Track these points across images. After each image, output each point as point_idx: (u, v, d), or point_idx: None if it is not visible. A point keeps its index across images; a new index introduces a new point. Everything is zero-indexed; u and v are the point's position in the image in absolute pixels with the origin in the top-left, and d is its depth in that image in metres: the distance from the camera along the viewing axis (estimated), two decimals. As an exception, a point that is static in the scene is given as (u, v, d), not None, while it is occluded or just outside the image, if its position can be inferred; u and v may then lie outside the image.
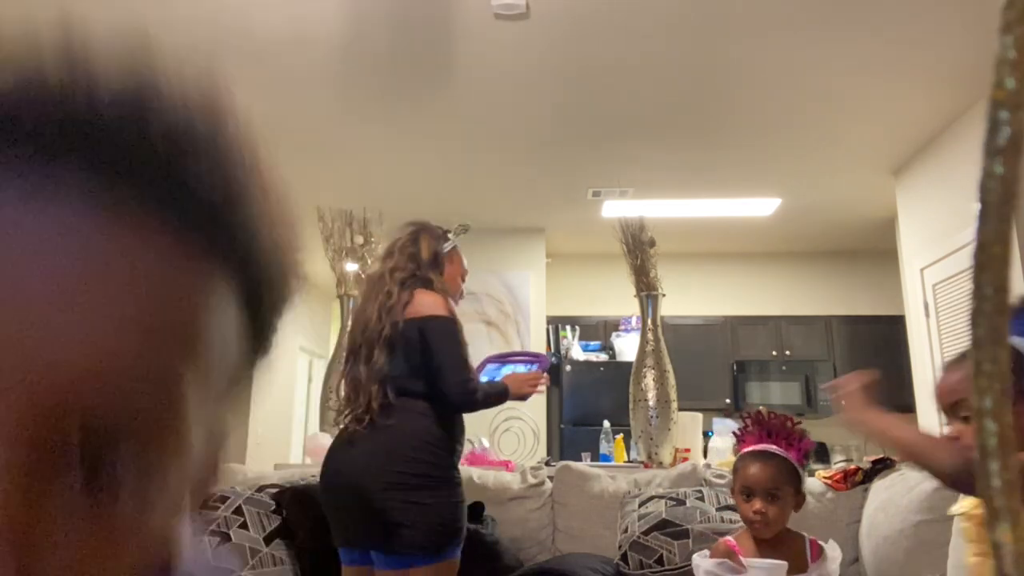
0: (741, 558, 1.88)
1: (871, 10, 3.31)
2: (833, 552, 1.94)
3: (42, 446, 0.27)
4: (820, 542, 1.97)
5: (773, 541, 1.92)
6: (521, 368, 2.48)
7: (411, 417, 2.07)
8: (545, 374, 2.38)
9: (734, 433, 2.20)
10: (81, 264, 0.28)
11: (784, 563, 1.80)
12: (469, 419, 2.25)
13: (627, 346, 6.32)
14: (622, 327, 6.62)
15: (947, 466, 1.37)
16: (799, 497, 1.97)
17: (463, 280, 2.39)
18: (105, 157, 0.30)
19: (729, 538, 2.03)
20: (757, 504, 1.91)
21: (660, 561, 2.64)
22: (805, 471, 2.01)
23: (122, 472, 0.28)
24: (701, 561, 1.95)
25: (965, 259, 4.15)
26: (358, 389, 2.12)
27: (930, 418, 4.61)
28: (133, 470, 0.29)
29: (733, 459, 2.12)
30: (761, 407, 2.19)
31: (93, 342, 0.28)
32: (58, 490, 0.27)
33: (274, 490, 2.75)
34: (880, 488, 2.78)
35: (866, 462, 3.00)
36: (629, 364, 4.33)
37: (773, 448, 1.95)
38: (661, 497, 2.85)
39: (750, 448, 1.97)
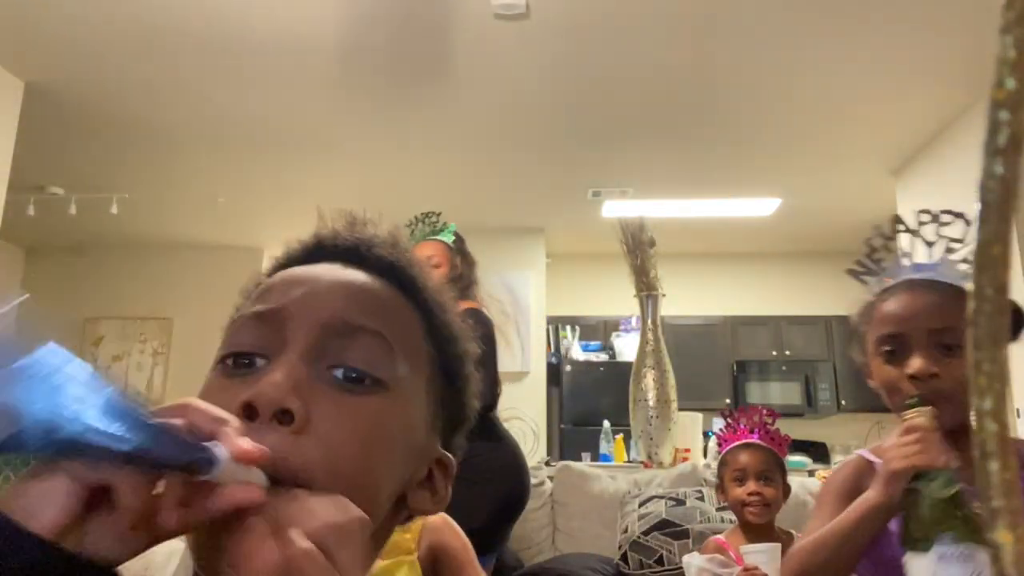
0: (741, 547, 1.88)
1: (871, 10, 3.31)
2: None
3: None
4: None
5: (764, 537, 1.91)
6: None
7: None
8: None
9: (715, 434, 2.23)
10: None
11: (778, 544, 1.80)
12: None
13: (627, 346, 6.32)
14: (622, 327, 6.62)
15: None
16: (786, 487, 1.99)
17: None
18: None
19: (719, 536, 2.03)
20: (752, 485, 1.90)
21: (660, 561, 2.64)
22: (786, 465, 2.05)
23: None
24: (692, 559, 1.95)
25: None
26: None
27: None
28: None
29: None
30: (740, 407, 2.21)
31: None
32: None
33: (274, 490, 2.75)
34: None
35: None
36: (629, 364, 4.33)
37: (759, 441, 1.99)
38: (661, 497, 2.85)
39: (737, 442, 2.00)
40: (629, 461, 4.34)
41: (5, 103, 3.83)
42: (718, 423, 4.93)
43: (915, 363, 1.01)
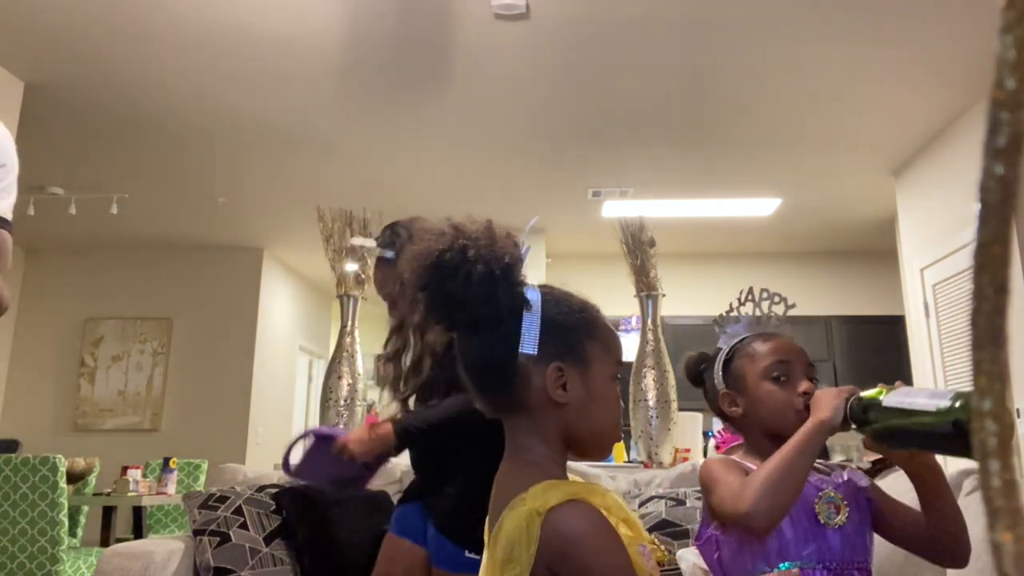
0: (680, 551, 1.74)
1: (871, 10, 3.31)
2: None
3: None
4: None
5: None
6: None
7: None
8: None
9: (715, 435, 2.15)
10: None
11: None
12: None
13: (627, 346, 6.31)
14: (622, 327, 6.62)
15: None
16: None
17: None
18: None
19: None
20: (804, 383, 1.29)
21: (660, 562, 2.64)
22: None
23: None
24: (685, 553, 1.82)
25: (965, 259, 4.15)
26: None
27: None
28: None
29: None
30: None
31: None
32: None
33: (274, 490, 2.75)
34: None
35: (865, 462, 3.00)
36: (629, 364, 4.33)
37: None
38: (661, 497, 2.84)
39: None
40: (629, 461, 4.34)
41: (5, 103, 3.83)
42: (717, 423, 4.94)
43: (806, 384, 1.30)
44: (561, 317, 0.96)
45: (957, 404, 1.00)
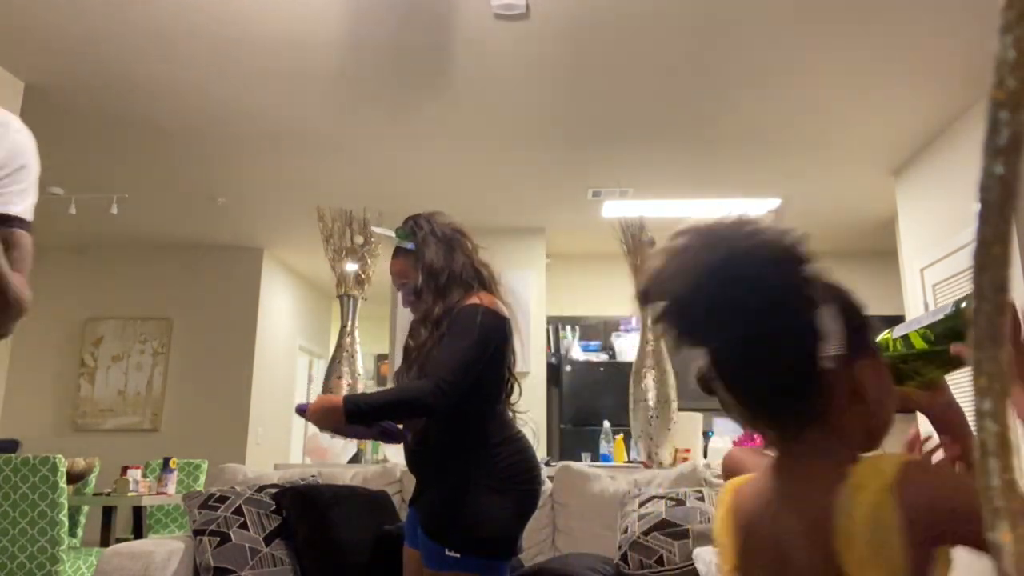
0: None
1: (871, 11, 3.31)
2: None
3: None
4: None
5: None
6: None
7: None
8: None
9: (734, 441, 2.15)
10: None
11: None
12: None
13: (627, 346, 6.32)
14: (622, 327, 6.62)
15: None
16: None
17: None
18: None
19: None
20: None
21: (660, 561, 2.64)
22: None
23: None
24: (702, 553, 1.85)
25: (965, 259, 4.15)
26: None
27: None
28: None
29: None
30: None
31: None
32: None
33: (274, 490, 2.75)
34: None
35: (866, 462, 3.00)
36: (629, 364, 4.33)
37: None
38: (661, 497, 2.84)
39: None
40: (629, 461, 4.34)
41: (5, 103, 3.83)
42: (720, 423, 4.93)
43: None
44: (849, 305, 0.85)
45: (964, 305, 0.95)
